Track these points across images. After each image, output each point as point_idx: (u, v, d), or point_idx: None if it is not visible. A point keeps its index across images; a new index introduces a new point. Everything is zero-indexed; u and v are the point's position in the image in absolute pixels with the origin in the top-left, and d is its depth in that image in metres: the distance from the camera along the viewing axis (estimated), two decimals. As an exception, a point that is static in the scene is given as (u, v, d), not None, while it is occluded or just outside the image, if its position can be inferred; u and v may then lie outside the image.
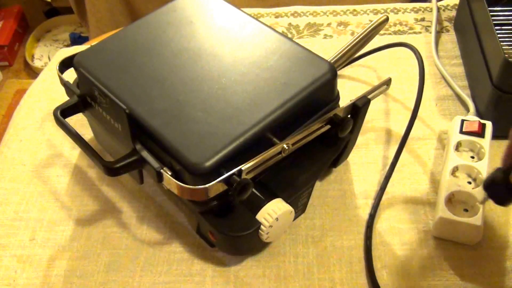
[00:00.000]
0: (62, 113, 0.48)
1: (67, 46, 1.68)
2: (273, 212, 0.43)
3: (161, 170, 0.42)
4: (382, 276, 0.47)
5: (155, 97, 0.45)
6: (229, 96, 0.45)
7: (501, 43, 0.53)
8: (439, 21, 0.73)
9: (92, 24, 1.32)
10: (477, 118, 0.55)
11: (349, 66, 0.66)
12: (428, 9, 0.75)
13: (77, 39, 1.80)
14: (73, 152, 0.59)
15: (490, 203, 0.51)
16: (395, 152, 0.56)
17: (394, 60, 0.67)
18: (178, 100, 0.45)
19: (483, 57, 0.57)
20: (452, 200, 0.50)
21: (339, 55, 0.58)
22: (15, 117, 0.65)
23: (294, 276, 0.47)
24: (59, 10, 1.92)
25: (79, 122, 0.59)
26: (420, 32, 0.72)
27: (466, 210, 0.49)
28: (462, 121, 0.55)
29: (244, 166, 0.41)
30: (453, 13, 0.74)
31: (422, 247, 0.49)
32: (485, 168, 0.51)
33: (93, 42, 0.64)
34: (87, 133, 0.60)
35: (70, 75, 0.51)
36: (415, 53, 0.58)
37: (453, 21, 0.72)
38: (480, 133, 0.53)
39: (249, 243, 0.46)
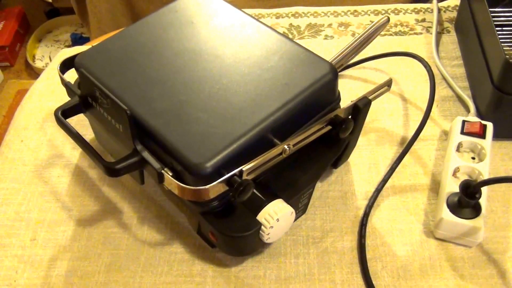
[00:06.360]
0: (63, 113, 0.48)
1: (68, 46, 1.68)
2: (274, 213, 0.43)
3: (162, 171, 0.42)
4: (382, 276, 0.47)
5: (156, 97, 0.45)
6: (230, 97, 0.45)
7: (502, 44, 0.53)
8: (440, 22, 0.73)
9: (93, 25, 1.32)
10: (478, 119, 0.55)
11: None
12: (429, 10, 0.75)
13: (78, 40, 1.80)
14: (74, 153, 0.59)
15: (491, 205, 0.51)
16: (396, 153, 0.56)
17: (395, 61, 0.67)
18: (179, 101, 0.45)
19: (484, 58, 0.57)
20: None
21: (340, 56, 0.58)
22: (16, 117, 0.65)
23: (294, 277, 0.47)
24: (60, 11, 1.92)
25: (80, 122, 0.59)
26: (421, 33, 0.72)
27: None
28: (463, 122, 0.55)
29: (245, 167, 0.41)
30: (454, 14, 0.74)
31: (423, 248, 0.49)
32: (486, 169, 0.51)
33: (94, 42, 0.64)
34: (88, 134, 0.60)
35: (71, 75, 0.51)
36: (424, 65, 0.59)
37: (454, 22, 0.72)
38: (481, 134, 0.53)
39: (250, 243, 0.46)
